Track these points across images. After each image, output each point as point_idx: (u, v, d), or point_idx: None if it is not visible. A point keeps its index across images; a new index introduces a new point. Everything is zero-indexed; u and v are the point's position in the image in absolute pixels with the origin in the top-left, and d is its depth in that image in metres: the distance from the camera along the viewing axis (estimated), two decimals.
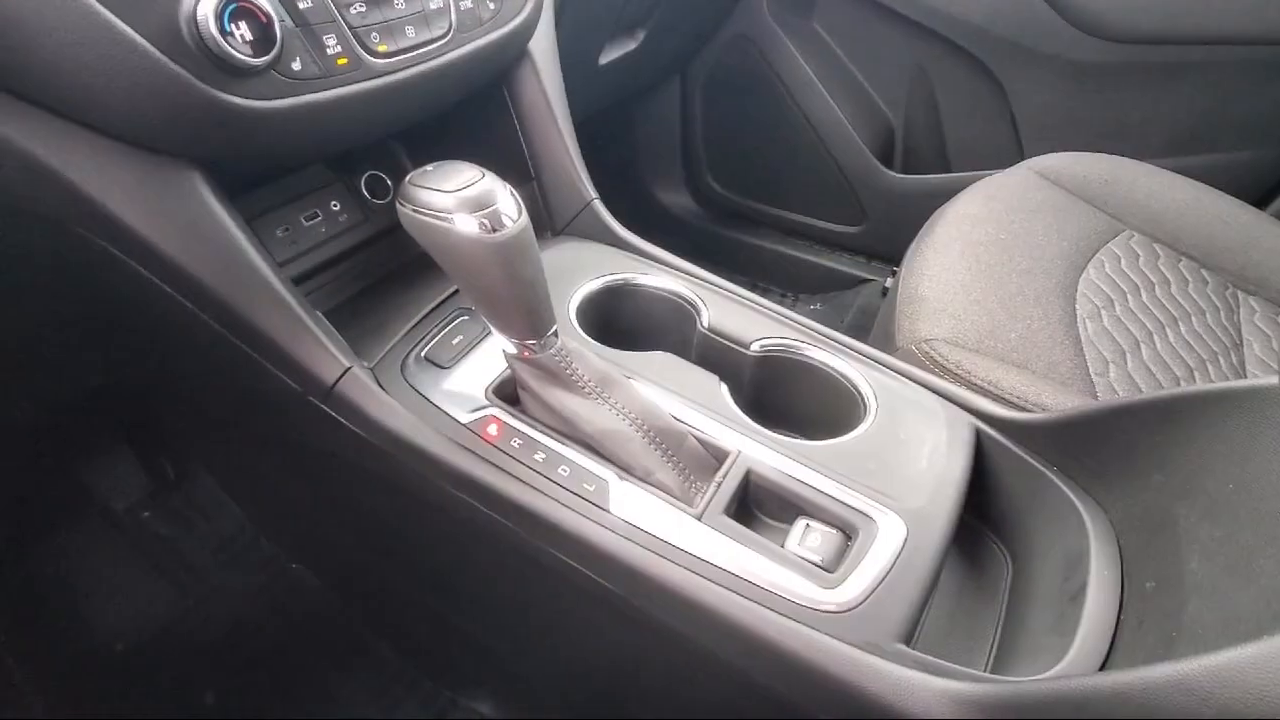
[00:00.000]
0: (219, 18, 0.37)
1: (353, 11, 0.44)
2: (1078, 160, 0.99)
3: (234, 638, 0.90)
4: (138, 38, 0.36)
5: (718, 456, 0.49)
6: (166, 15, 0.37)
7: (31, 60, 0.37)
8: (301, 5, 0.42)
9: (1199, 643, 0.28)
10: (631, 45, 1.14)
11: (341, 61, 0.44)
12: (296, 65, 0.42)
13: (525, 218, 0.42)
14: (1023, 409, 0.61)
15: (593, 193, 0.70)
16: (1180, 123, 1.12)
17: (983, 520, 0.55)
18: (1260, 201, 1.08)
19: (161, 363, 0.65)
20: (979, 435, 0.53)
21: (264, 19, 0.39)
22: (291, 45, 0.42)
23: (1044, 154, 1.00)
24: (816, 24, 1.32)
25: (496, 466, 0.48)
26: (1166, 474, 0.41)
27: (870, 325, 0.92)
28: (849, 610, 0.41)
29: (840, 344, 0.59)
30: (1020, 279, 0.81)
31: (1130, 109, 1.14)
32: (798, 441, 0.51)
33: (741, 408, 0.53)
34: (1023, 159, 1.01)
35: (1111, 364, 0.75)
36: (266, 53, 0.39)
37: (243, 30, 0.38)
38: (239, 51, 0.38)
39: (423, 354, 0.55)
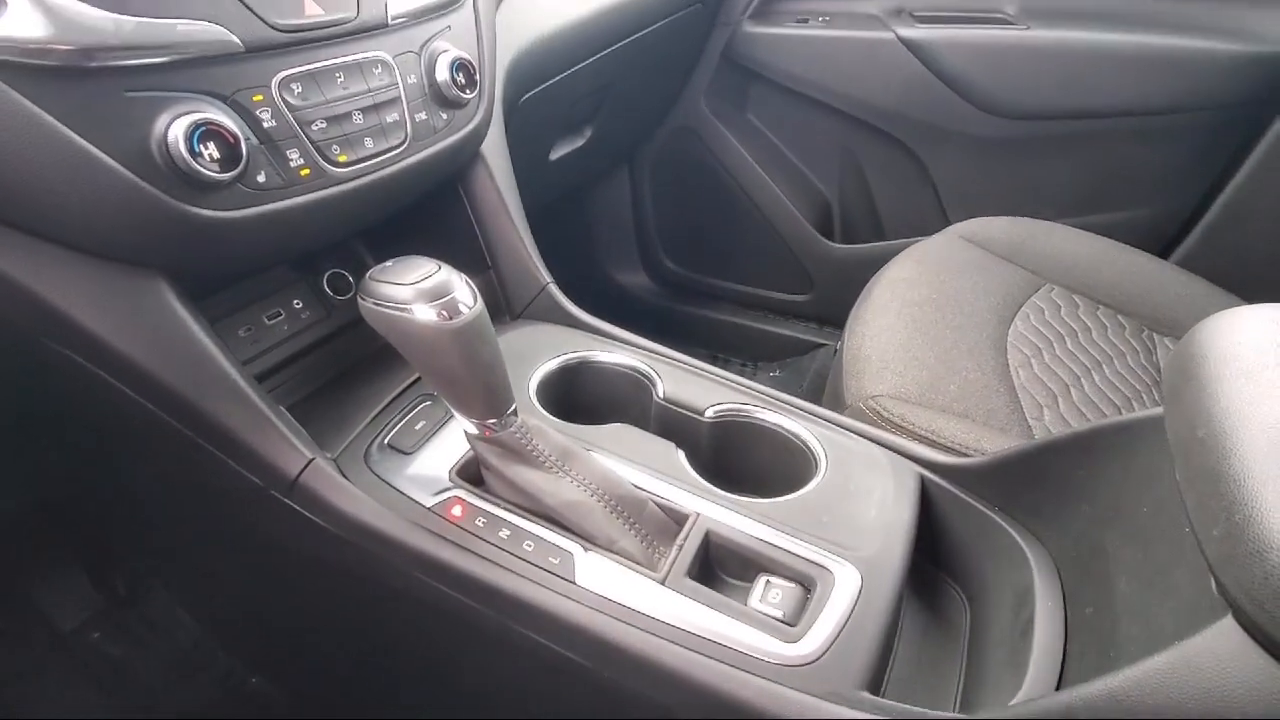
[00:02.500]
0: (188, 140, 0.40)
1: (314, 128, 0.48)
2: (996, 223, 1.08)
3: None
4: (111, 161, 0.39)
5: (678, 520, 0.51)
6: (138, 139, 0.40)
7: (2, 183, 0.39)
8: (266, 125, 0.45)
9: (1131, 659, 0.30)
10: (580, 142, 1.22)
11: (304, 172, 0.48)
12: (261, 178, 0.45)
13: (480, 304, 0.45)
14: (966, 455, 0.65)
15: (547, 277, 0.73)
16: (1081, 186, 1.23)
17: (938, 566, 0.57)
18: (1163, 252, 1.18)
19: (119, 469, 0.64)
20: (924, 482, 0.56)
21: (231, 139, 0.43)
22: (256, 160, 0.45)
23: (965, 219, 1.09)
24: (750, 115, 1.44)
25: (461, 547, 0.49)
26: (1092, 504, 0.44)
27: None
28: (812, 662, 0.42)
29: (790, 405, 0.63)
30: (954, 334, 0.86)
31: (1035, 175, 1.25)
32: (754, 500, 0.53)
33: (699, 472, 0.55)
34: (947, 225, 1.09)
35: (1045, 408, 0.79)
36: (233, 169, 0.43)
37: (211, 149, 0.42)
38: (207, 169, 0.41)
39: (385, 441, 0.57)
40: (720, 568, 0.51)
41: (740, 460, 0.61)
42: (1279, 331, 0.32)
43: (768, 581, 0.47)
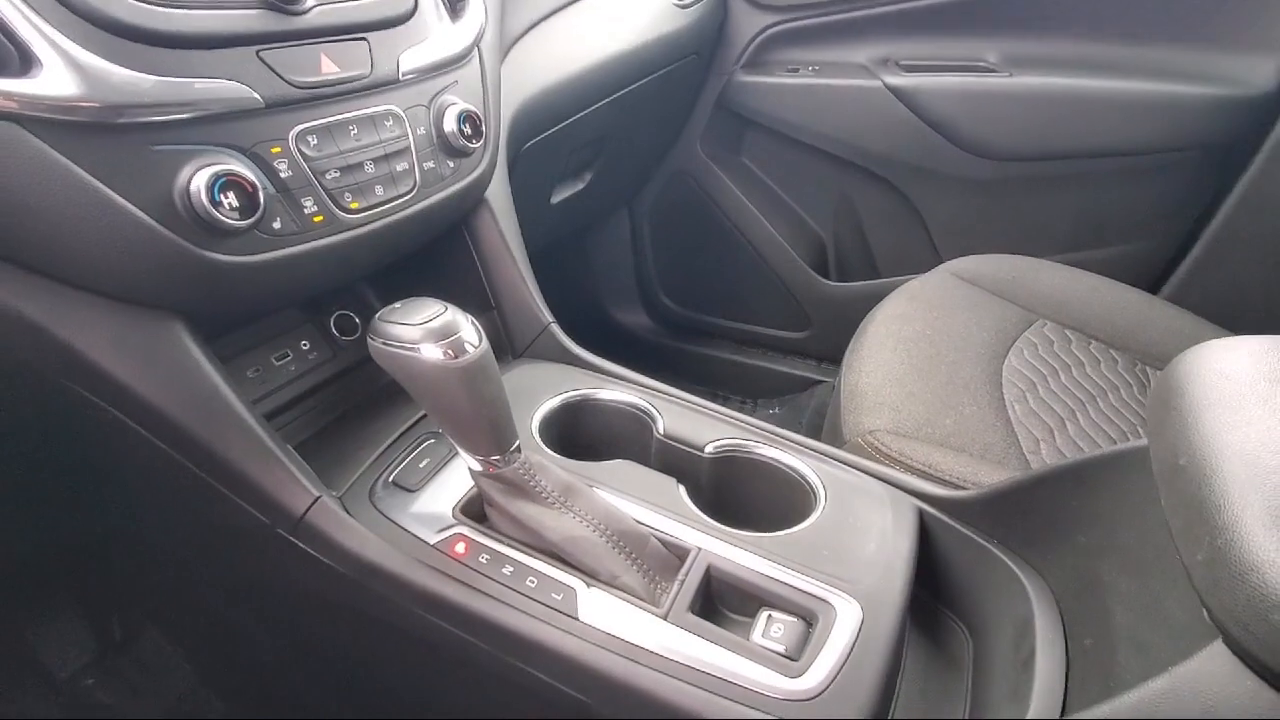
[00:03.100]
0: (210, 190, 0.43)
1: (328, 177, 0.50)
2: (987, 261, 1.10)
3: None
4: (136, 210, 0.41)
5: (679, 555, 0.52)
6: (163, 190, 0.42)
7: (31, 231, 0.41)
8: (283, 175, 0.48)
9: (1128, 689, 0.31)
10: (580, 186, 1.26)
11: (317, 219, 0.50)
12: (277, 224, 0.48)
13: (485, 343, 0.47)
14: (964, 489, 0.65)
15: (549, 317, 0.75)
16: (1069, 224, 1.27)
17: (939, 600, 0.57)
18: (1152, 287, 1.20)
19: (125, 510, 0.65)
20: (922, 516, 0.57)
21: (250, 188, 0.45)
22: (273, 208, 0.47)
23: (957, 257, 1.11)
24: (745, 158, 1.48)
25: (464, 584, 0.49)
26: (1087, 535, 0.45)
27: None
28: (816, 696, 0.42)
29: (789, 440, 0.63)
30: (949, 369, 0.87)
31: (1024, 214, 1.29)
32: (754, 535, 0.53)
33: (700, 507, 0.56)
34: (940, 262, 1.12)
35: (1042, 441, 0.80)
36: (251, 216, 0.45)
37: (230, 199, 0.44)
38: (227, 217, 0.43)
39: (390, 479, 0.57)
40: (722, 603, 0.51)
41: (740, 495, 0.62)
42: (1256, 363, 0.34)
43: (769, 616, 0.47)
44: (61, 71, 0.39)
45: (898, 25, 1.27)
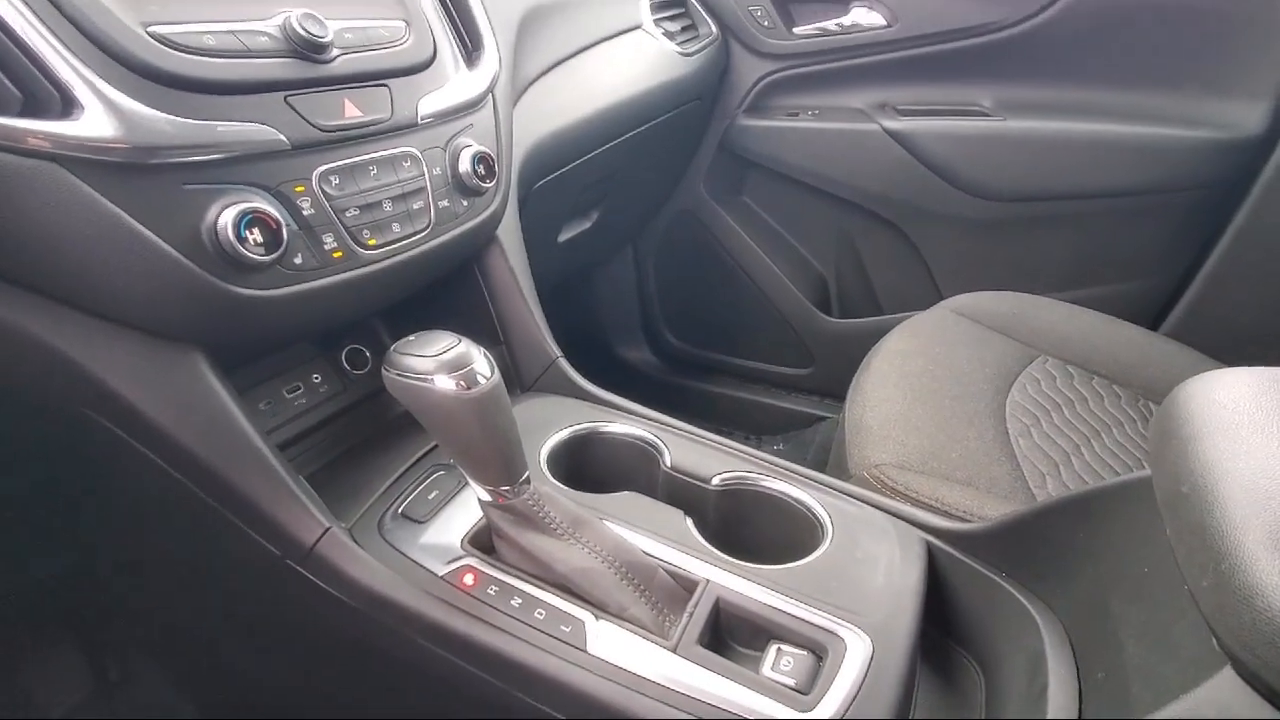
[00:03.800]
0: (236, 226, 0.44)
1: (348, 215, 0.52)
2: (988, 298, 1.12)
3: None
4: (166, 246, 0.43)
5: (688, 587, 0.52)
6: (191, 226, 0.44)
7: (65, 265, 0.43)
8: (305, 212, 0.49)
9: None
10: (587, 224, 1.29)
11: (337, 255, 0.52)
12: (298, 260, 0.49)
13: (498, 375, 0.48)
14: (970, 522, 0.65)
15: (557, 352, 0.76)
16: (1068, 262, 1.29)
17: (949, 635, 0.57)
18: (1152, 324, 1.21)
19: (133, 540, 0.65)
20: (930, 549, 0.57)
21: (274, 225, 0.46)
22: (295, 244, 0.49)
23: (958, 294, 1.13)
24: (747, 198, 1.51)
25: (473, 616, 0.49)
26: (1095, 566, 0.45)
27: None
28: None
29: (795, 473, 0.64)
30: (953, 404, 0.88)
31: (1023, 252, 1.31)
32: (762, 567, 0.53)
33: (707, 539, 0.56)
34: (940, 299, 1.13)
35: (1048, 475, 0.80)
36: (274, 252, 0.46)
37: (255, 235, 0.46)
38: (251, 253, 0.45)
39: (399, 510, 0.58)
40: (730, 635, 0.51)
41: (747, 528, 0.62)
42: (1253, 393, 0.34)
43: (779, 649, 0.47)
44: (100, 115, 0.41)
45: (893, 73, 1.31)
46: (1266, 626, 0.24)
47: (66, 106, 0.40)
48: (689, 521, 0.57)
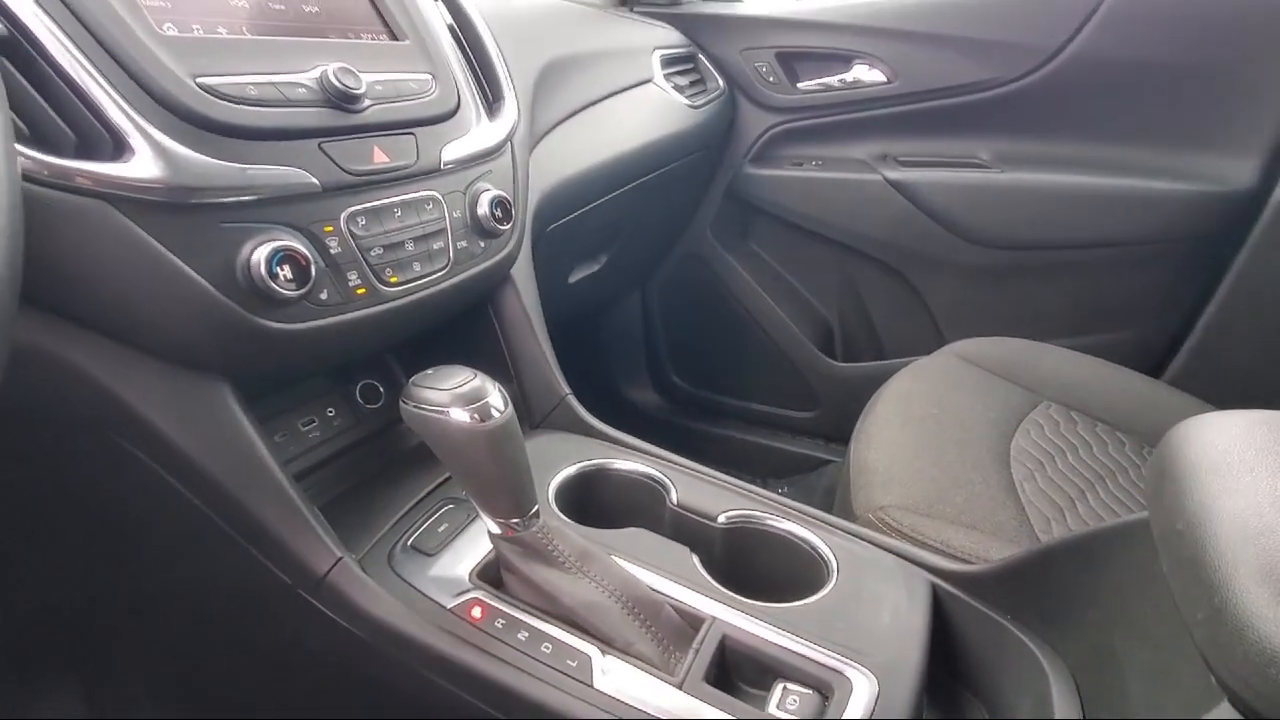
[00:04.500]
0: (269, 263, 0.47)
1: (372, 254, 0.55)
2: (990, 344, 1.14)
3: None
4: (201, 280, 0.45)
5: (694, 624, 0.52)
6: (226, 262, 0.46)
7: (107, 296, 0.45)
8: (333, 251, 0.52)
9: None
10: (596, 267, 1.32)
11: (360, 291, 0.54)
12: (324, 295, 0.51)
13: (511, 409, 0.49)
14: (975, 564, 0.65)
15: (566, 389, 0.78)
16: (1070, 309, 1.31)
17: (955, 678, 0.56)
18: (1154, 371, 1.22)
19: (145, 568, 0.65)
20: (936, 590, 0.57)
21: (303, 262, 0.49)
22: (321, 280, 0.51)
23: (960, 339, 1.15)
24: (753, 244, 1.55)
25: (480, 649, 0.49)
26: (1100, 608, 0.45)
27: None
28: None
29: (801, 513, 0.64)
30: (957, 448, 0.89)
31: (1025, 299, 1.33)
32: (768, 605, 0.53)
33: (714, 576, 0.56)
34: (943, 344, 1.15)
35: (1053, 520, 0.80)
36: (303, 288, 0.49)
37: (285, 271, 0.48)
38: (281, 288, 0.47)
39: (409, 543, 0.58)
40: (736, 673, 0.51)
41: (753, 566, 0.62)
42: (1243, 434, 0.36)
43: (785, 688, 0.47)
44: (149, 158, 0.43)
45: (893, 126, 1.36)
46: (1258, 658, 0.25)
47: (118, 149, 0.43)
48: (695, 558, 0.58)
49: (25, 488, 0.59)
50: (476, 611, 0.52)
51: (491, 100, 0.73)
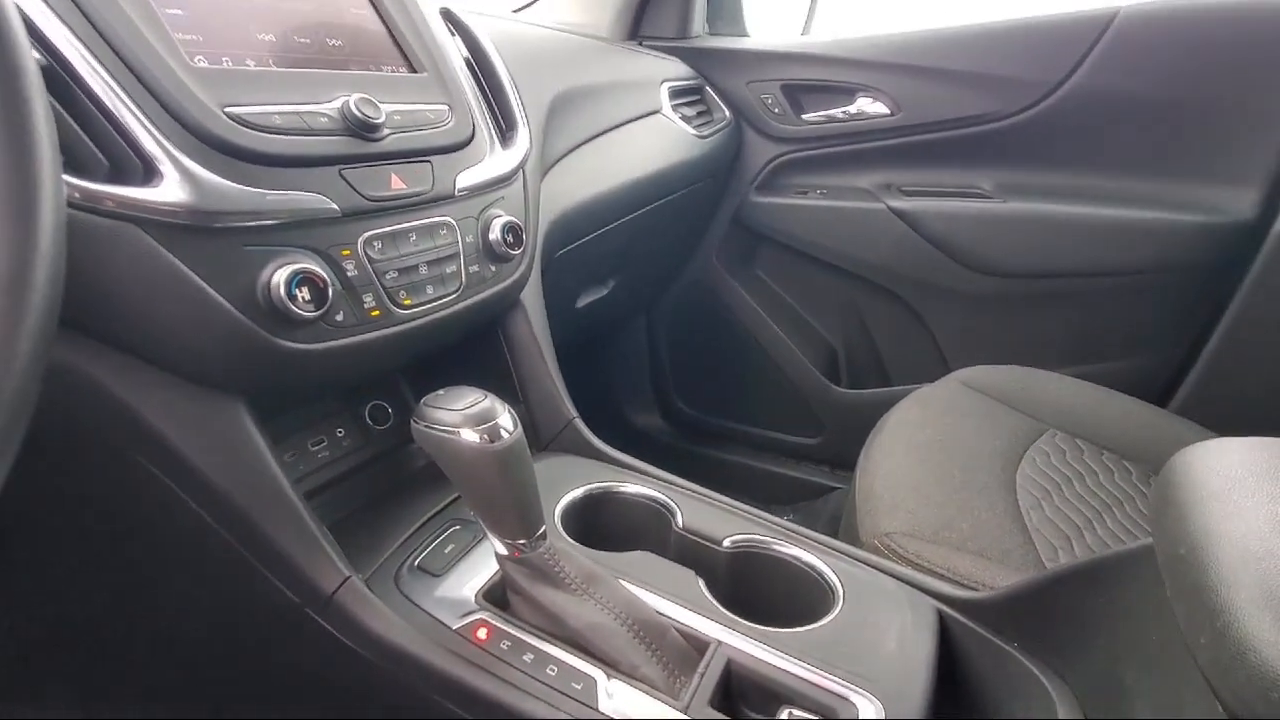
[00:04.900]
0: (288, 285, 0.48)
1: (388, 277, 0.56)
2: (995, 371, 1.14)
3: None
4: (223, 301, 0.46)
5: (699, 648, 0.52)
6: (247, 284, 0.48)
7: (128, 314, 0.46)
8: (350, 274, 0.53)
9: None
10: (604, 292, 1.34)
11: (375, 313, 0.55)
12: (339, 317, 0.53)
13: (520, 431, 0.50)
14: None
15: (573, 412, 0.79)
16: (1074, 337, 1.31)
17: (963, 707, 0.56)
18: (1159, 400, 1.22)
19: (151, 587, 0.66)
20: (942, 617, 0.57)
21: (321, 284, 0.50)
22: (337, 302, 0.52)
23: (965, 367, 1.15)
24: (758, 271, 1.57)
25: (485, 670, 0.49)
26: (1106, 635, 0.45)
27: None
28: None
29: (806, 537, 0.65)
30: (963, 475, 0.89)
31: (1029, 327, 1.34)
32: (773, 630, 0.53)
33: (719, 600, 0.56)
34: (948, 371, 1.15)
35: (1060, 549, 0.80)
36: (320, 309, 0.50)
37: (304, 293, 0.49)
38: (300, 309, 0.48)
39: (416, 563, 0.59)
40: (742, 698, 0.50)
41: (758, 590, 0.62)
42: (1243, 460, 0.36)
43: (790, 713, 0.47)
44: (178, 182, 0.45)
45: (897, 156, 1.38)
46: (1260, 681, 0.25)
47: (148, 175, 0.45)
48: (700, 582, 0.58)
49: (39, 502, 0.60)
50: (482, 633, 0.52)
51: (505, 129, 0.75)
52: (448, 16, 0.78)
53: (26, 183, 0.24)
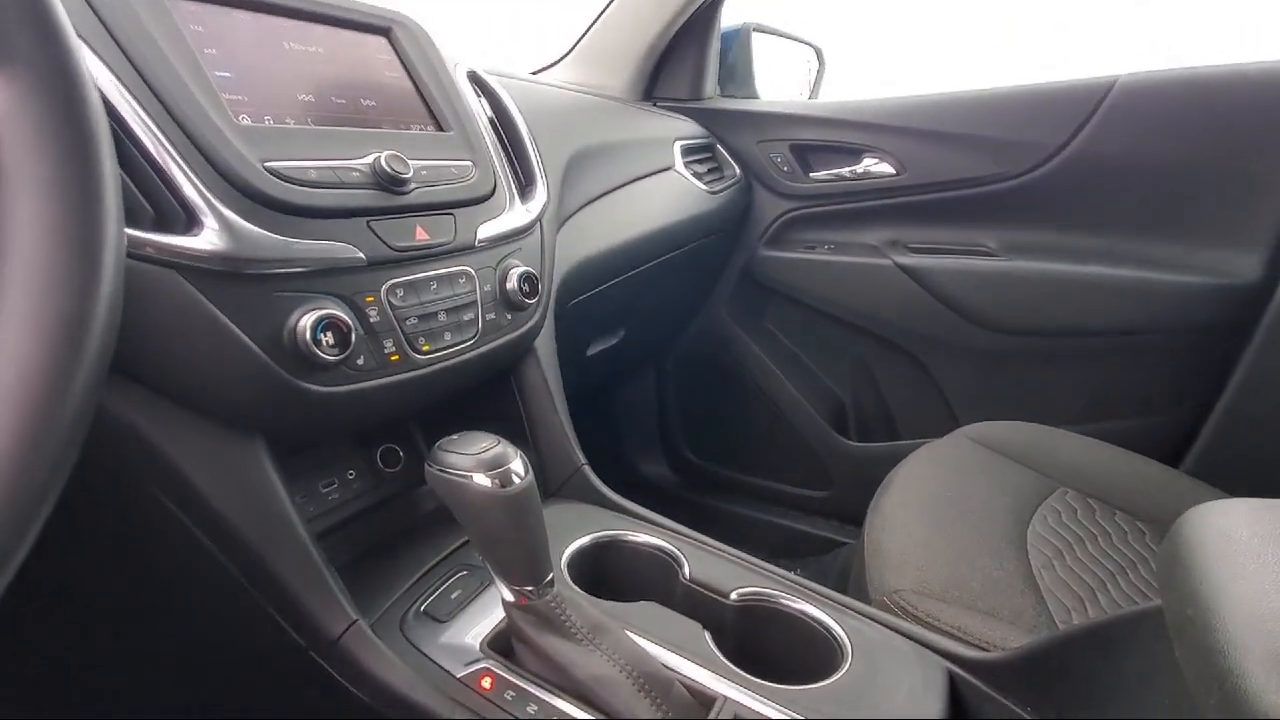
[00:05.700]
0: (313, 330, 0.50)
1: (408, 323, 0.58)
2: (1005, 428, 1.14)
3: None
4: (252, 344, 0.48)
5: (705, 703, 0.51)
6: (275, 328, 0.50)
7: (165, 357, 0.48)
8: (372, 320, 0.55)
9: None
10: (614, 341, 1.36)
11: (394, 358, 0.57)
12: (361, 361, 0.54)
13: (531, 476, 0.51)
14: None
15: (582, 459, 0.80)
16: (1083, 394, 1.31)
17: None
18: (1172, 459, 1.21)
19: (156, 623, 0.66)
20: (952, 678, 0.56)
21: (345, 330, 0.52)
22: (359, 347, 0.54)
23: (974, 422, 1.15)
24: (768, 324, 1.59)
25: None
26: (1117, 698, 0.45)
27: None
28: None
29: (815, 593, 0.64)
30: (972, 532, 0.88)
31: (1037, 384, 1.34)
32: (780, 687, 0.53)
33: (725, 654, 0.56)
34: (957, 426, 1.15)
35: (1073, 611, 0.79)
36: (343, 353, 0.52)
37: (328, 338, 0.51)
38: (325, 353, 0.50)
39: (422, 609, 0.59)
40: None
41: (765, 645, 0.61)
42: (1250, 523, 0.36)
43: None
44: (216, 232, 0.48)
45: (903, 214, 1.42)
46: None
47: (190, 224, 0.47)
48: (707, 635, 0.58)
49: (48, 530, 0.60)
50: (486, 682, 0.52)
51: (524, 184, 0.78)
52: (474, 79, 0.83)
53: (94, 229, 0.26)
